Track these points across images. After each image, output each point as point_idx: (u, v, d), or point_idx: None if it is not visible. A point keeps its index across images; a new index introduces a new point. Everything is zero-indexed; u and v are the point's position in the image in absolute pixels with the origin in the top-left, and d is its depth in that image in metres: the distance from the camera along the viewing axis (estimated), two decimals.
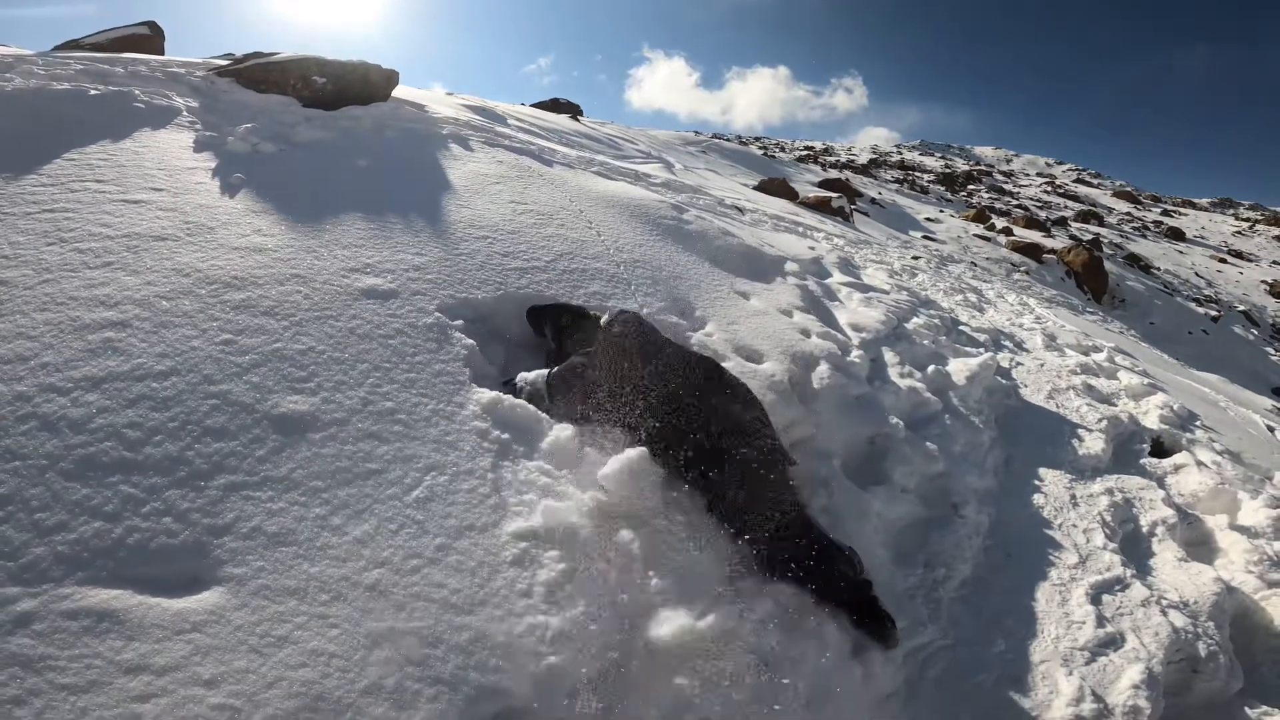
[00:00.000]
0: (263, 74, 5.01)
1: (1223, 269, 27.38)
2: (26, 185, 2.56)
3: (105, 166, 2.86)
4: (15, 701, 1.18)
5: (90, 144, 3.05)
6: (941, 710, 2.05)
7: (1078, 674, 2.17)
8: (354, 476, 1.67)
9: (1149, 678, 2.17)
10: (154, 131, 3.45)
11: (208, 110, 4.06)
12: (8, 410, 1.58)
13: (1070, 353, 6.14)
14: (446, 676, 1.36)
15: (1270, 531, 3.21)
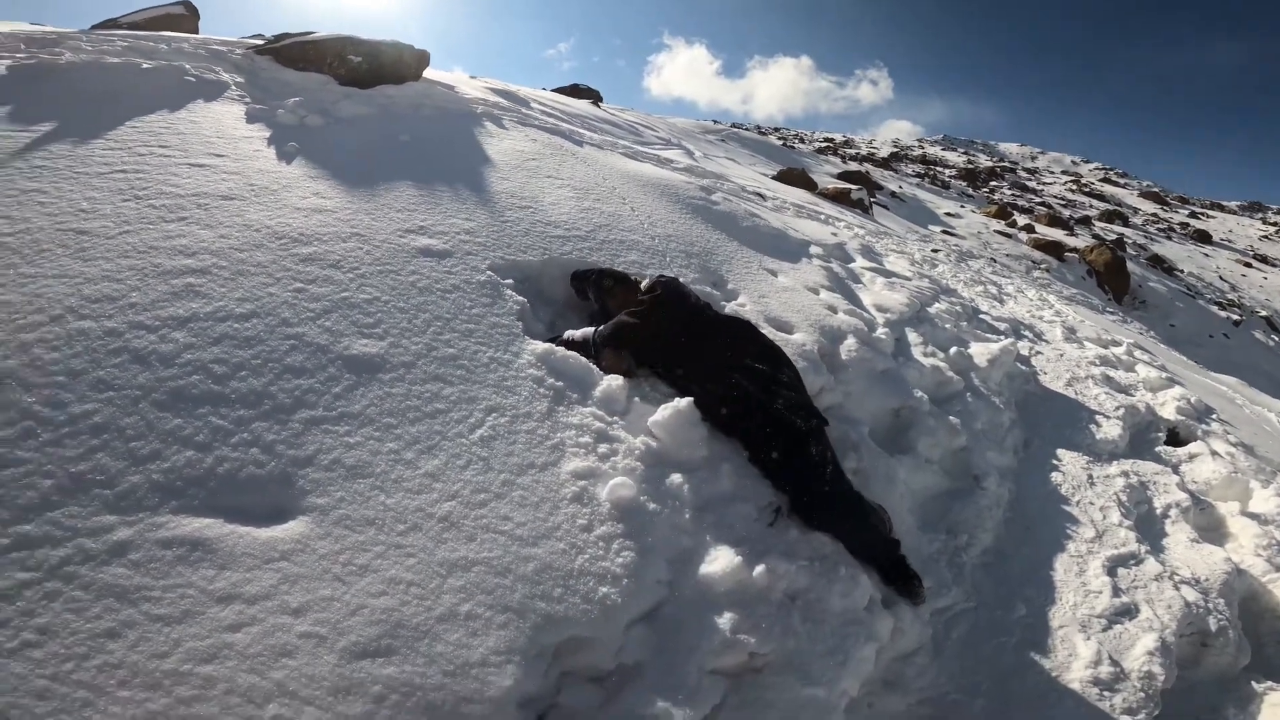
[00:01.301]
0: (300, 52, 5.13)
1: (1247, 273, 26.99)
2: (95, 149, 2.69)
3: (167, 134, 2.99)
4: (109, 635, 1.22)
5: (149, 113, 3.18)
6: (966, 667, 2.16)
7: (1095, 639, 2.27)
8: (422, 415, 1.79)
9: (1162, 646, 2.26)
10: (207, 103, 3.58)
11: (252, 85, 4.19)
12: (99, 344, 1.70)
13: (1089, 345, 6.18)
14: (515, 605, 1.46)
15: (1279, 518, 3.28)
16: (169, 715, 1.15)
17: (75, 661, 1.18)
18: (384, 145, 3.60)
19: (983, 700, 2.04)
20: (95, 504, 1.37)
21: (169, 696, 1.17)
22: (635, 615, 1.57)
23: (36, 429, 1.46)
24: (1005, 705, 2.02)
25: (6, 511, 1.32)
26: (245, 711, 1.18)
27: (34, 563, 1.27)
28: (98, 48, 4.12)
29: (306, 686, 1.22)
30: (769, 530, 1.90)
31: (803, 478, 2.05)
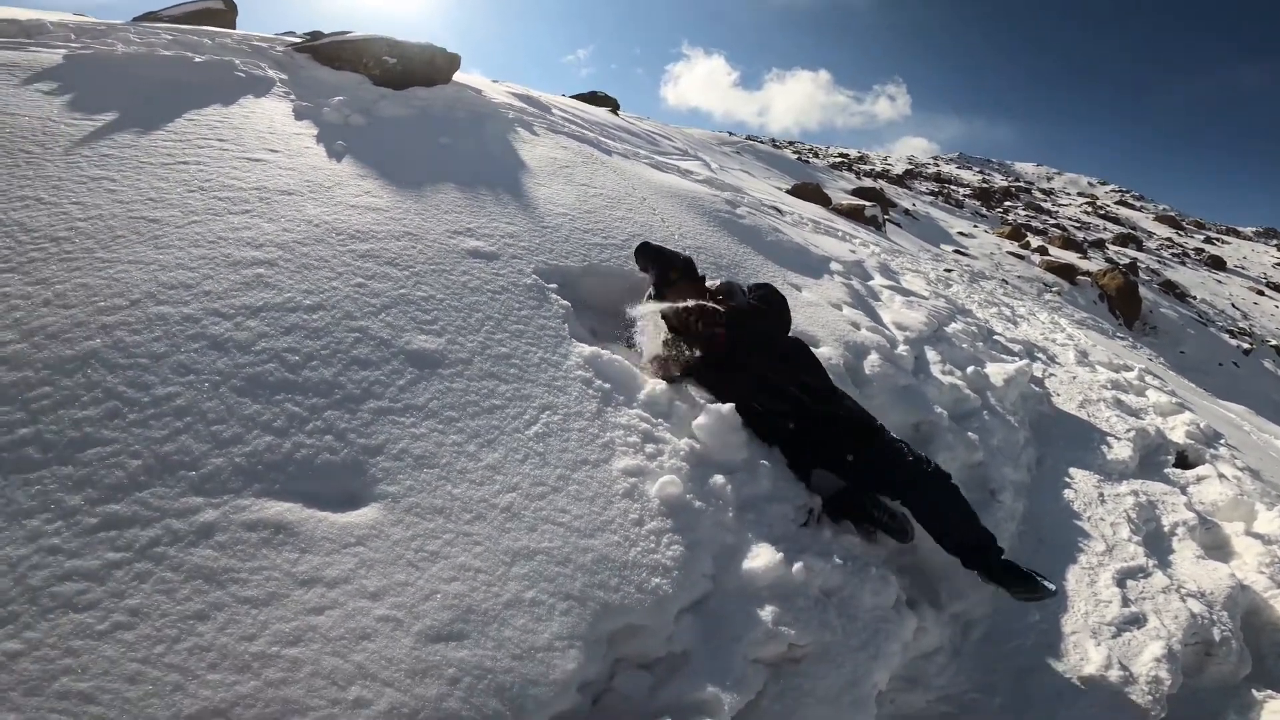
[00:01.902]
0: (337, 52, 5.25)
1: (1260, 301, 27.03)
2: (157, 140, 2.80)
3: (222, 127, 3.10)
4: (198, 617, 1.26)
5: (204, 107, 3.30)
6: (984, 668, 2.26)
7: (1105, 645, 2.38)
8: (480, 410, 1.89)
9: (1169, 653, 2.37)
10: (256, 99, 3.70)
11: (294, 83, 4.31)
12: (178, 329, 1.79)
13: (1101, 369, 6.27)
14: (576, 593, 1.54)
15: None
16: (257, 698, 1.19)
17: (166, 644, 1.21)
18: (425, 147, 3.71)
19: (1000, 699, 2.14)
20: (181, 485, 1.44)
21: (258, 679, 1.21)
22: (684, 605, 1.66)
23: (122, 409, 1.55)
24: (1021, 704, 2.12)
25: (95, 490, 1.38)
26: (329, 694, 1.23)
27: (124, 543, 1.32)
28: (145, 40, 4.24)
29: (386, 669, 1.29)
30: (803, 530, 1.99)
31: (884, 463, 2.19)
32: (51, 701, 1.11)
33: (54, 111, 2.79)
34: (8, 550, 1.25)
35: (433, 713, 1.26)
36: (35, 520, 1.30)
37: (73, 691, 1.12)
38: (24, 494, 1.34)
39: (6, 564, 1.24)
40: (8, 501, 1.32)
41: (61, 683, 1.13)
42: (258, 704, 1.18)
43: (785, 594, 1.76)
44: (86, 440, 1.45)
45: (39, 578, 1.23)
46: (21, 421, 1.45)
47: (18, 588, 1.21)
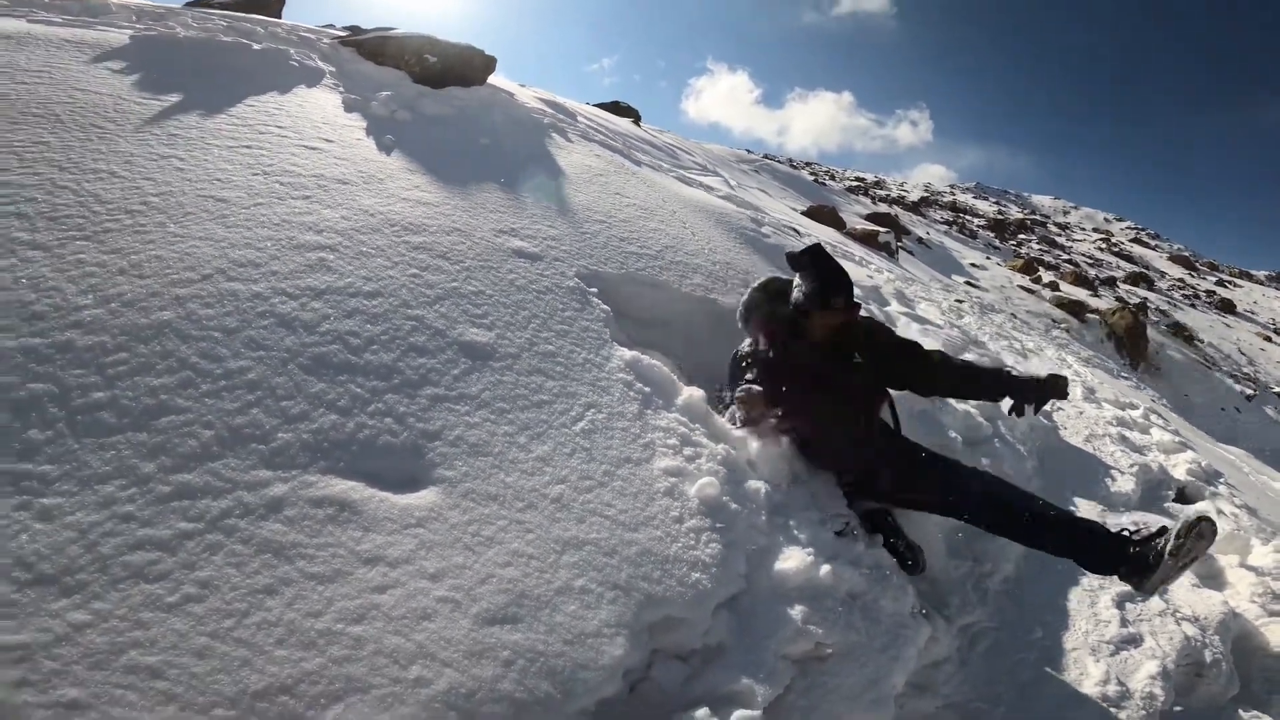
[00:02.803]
0: (381, 47, 5.35)
1: (1267, 347, 27.01)
2: (220, 123, 2.89)
3: (280, 115, 3.19)
4: (267, 591, 1.28)
5: (262, 93, 3.38)
6: (989, 678, 2.34)
7: (1104, 662, 2.46)
8: (530, 404, 1.95)
9: (1164, 672, 2.45)
10: (309, 89, 3.79)
11: (342, 75, 4.41)
12: (247, 306, 1.86)
13: (1107, 406, 6.31)
14: (622, 583, 1.58)
15: (1276, 571, 3.46)
16: (321, 675, 1.21)
17: (236, 619, 1.23)
18: (468, 146, 3.79)
19: (1004, 709, 2.20)
20: (252, 458, 1.49)
21: (322, 656, 1.23)
22: (721, 601, 1.71)
23: (196, 380, 1.61)
24: (1024, 714, 2.19)
25: (168, 459, 1.42)
26: (392, 673, 1.25)
27: (196, 513, 1.35)
28: (202, 25, 4.35)
29: (445, 649, 1.32)
30: (837, 539, 2.04)
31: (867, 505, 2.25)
32: (117, 676, 1.11)
33: (124, 89, 2.88)
34: (79, 516, 1.27)
35: (489, 693, 1.30)
36: (109, 486, 1.33)
37: (140, 666, 1.13)
38: (97, 459, 1.37)
39: (77, 530, 1.25)
40: (80, 465, 1.35)
41: (129, 656, 1.14)
42: (322, 681, 1.21)
43: (814, 595, 1.81)
44: (161, 408, 1.51)
45: (110, 546, 1.25)
46: (96, 385, 1.50)
47: (88, 555, 1.22)
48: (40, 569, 1.17)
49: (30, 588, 1.15)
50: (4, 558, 1.16)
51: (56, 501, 1.26)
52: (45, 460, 1.31)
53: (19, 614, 1.12)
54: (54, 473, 1.30)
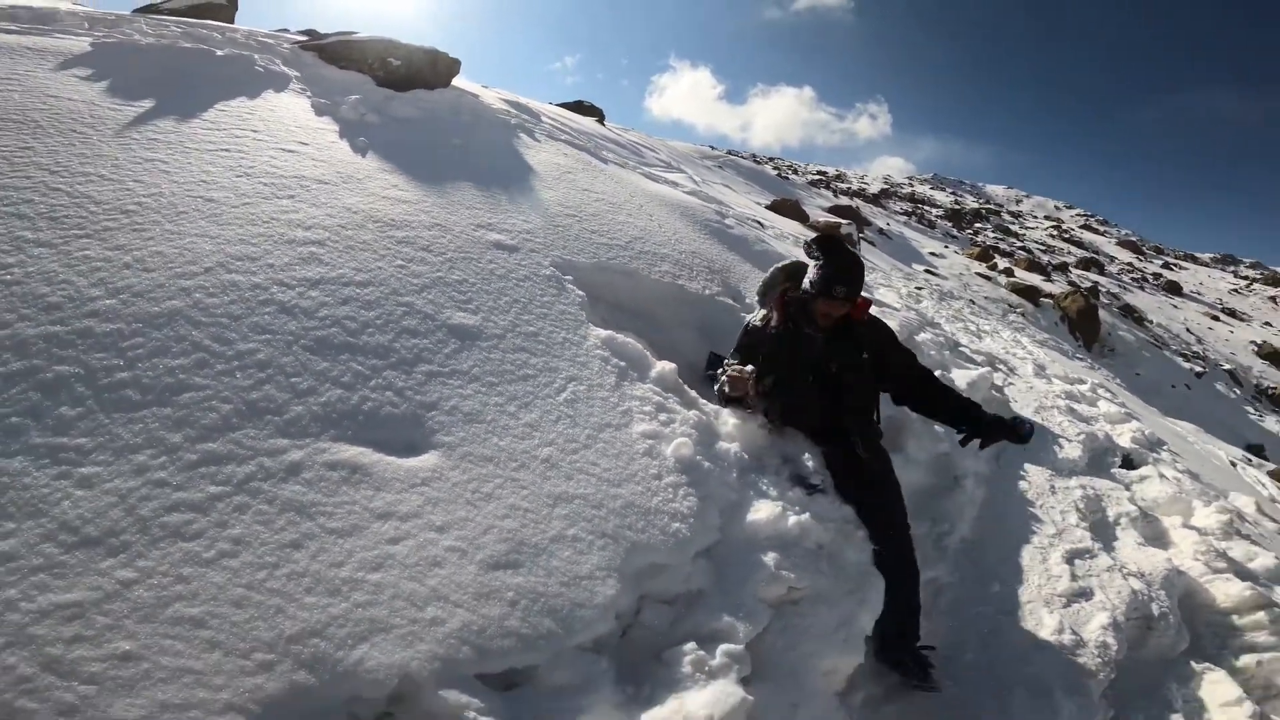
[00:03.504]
0: (343, 51, 5.45)
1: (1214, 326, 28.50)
2: (196, 127, 3.00)
3: (253, 119, 3.31)
4: (293, 545, 1.43)
5: (232, 98, 3.49)
6: (953, 628, 2.58)
7: (1058, 613, 2.68)
8: (516, 378, 2.14)
9: (1114, 623, 2.68)
10: (277, 94, 3.90)
11: (307, 80, 4.51)
12: (250, 295, 2.01)
13: (1057, 381, 6.75)
14: (610, 532, 1.78)
15: (1218, 531, 3.77)
16: (348, 618, 1.37)
17: (267, 570, 1.39)
18: (439, 147, 3.95)
19: (970, 654, 2.44)
20: (269, 428, 1.65)
21: (347, 601, 1.40)
22: (699, 549, 1.92)
23: (209, 360, 1.76)
24: (990, 660, 2.41)
25: (193, 430, 1.58)
26: (409, 614, 1.43)
27: (223, 477, 1.51)
28: (159, 32, 4.40)
29: (455, 592, 1.50)
30: (805, 496, 2.27)
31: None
32: (165, 627, 1.25)
33: (95, 96, 2.97)
34: (116, 483, 1.42)
35: (498, 630, 1.48)
36: (141, 455, 1.49)
37: (185, 617, 1.27)
38: (128, 431, 1.52)
39: (117, 495, 1.40)
40: (113, 438, 1.50)
41: (174, 609, 1.28)
42: (348, 624, 1.37)
43: (784, 543, 2.03)
44: (181, 385, 1.66)
45: (149, 509, 1.40)
46: (119, 367, 1.65)
47: (129, 518, 1.37)
48: (85, 532, 1.31)
49: (77, 549, 1.29)
50: (50, 523, 1.30)
51: (95, 470, 1.41)
52: (79, 434, 1.46)
53: (69, 574, 1.26)
54: (89, 445, 1.45)
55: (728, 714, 1.51)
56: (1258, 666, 2.73)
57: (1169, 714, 2.42)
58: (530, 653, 1.48)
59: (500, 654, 1.44)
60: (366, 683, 1.30)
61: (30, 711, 1.06)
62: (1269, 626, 2.91)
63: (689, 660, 1.62)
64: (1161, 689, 2.58)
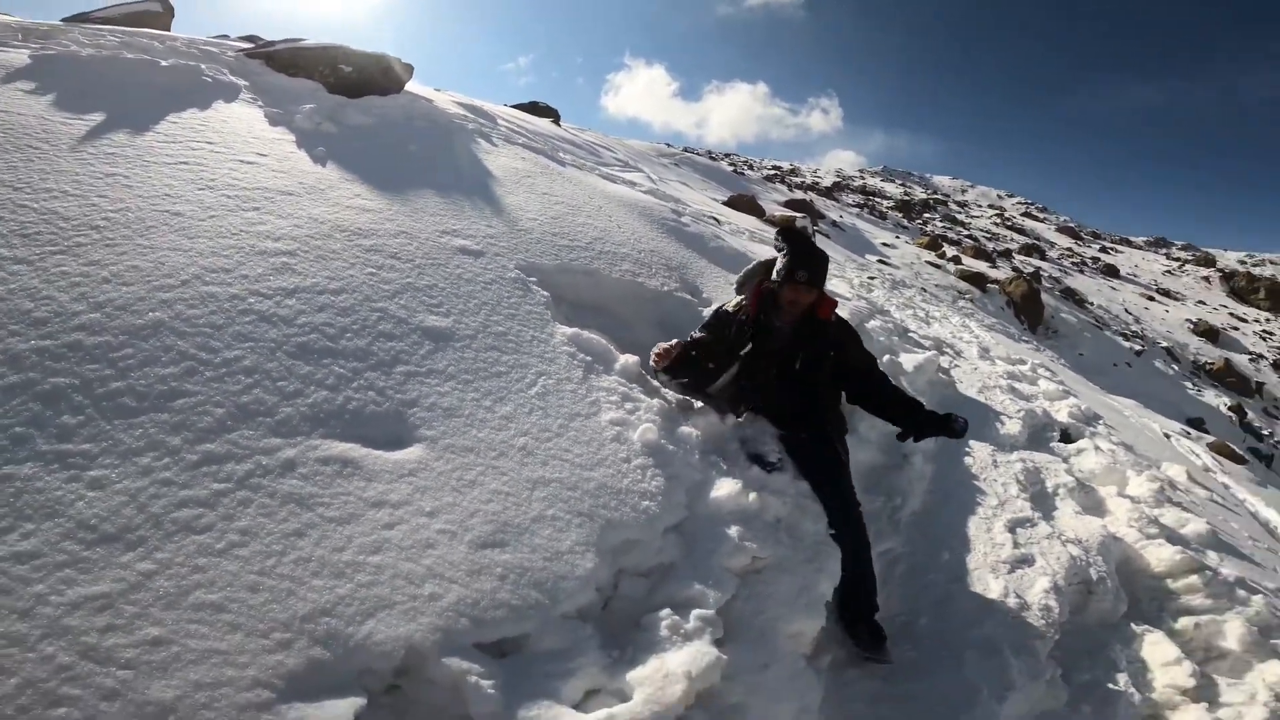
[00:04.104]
0: (292, 59, 5.47)
1: (1150, 306, 30.22)
2: (151, 140, 3.05)
3: (207, 130, 3.37)
4: (297, 534, 1.57)
5: (183, 109, 3.54)
6: (909, 595, 2.82)
7: (1003, 579, 2.93)
8: (490, 374, 2.30)
9: (1055, 587, 2.92)
10: (228, 104, 3.95)
11: (256, 88, 4.55)
12: (229, 305, 2.12)
13: (1000, 362, 7.22)
14: (586, 511, 1.97)
15: (1150, 499, 4.13)
16: (354, 597, 1.52)
17: (276, 558, 1.53)
18: (398, 154, 4.06)
19: (925, 619, 2.67)
20: (262, 429, 1.79)
21: (352, 582, 1.55)
22: (669, 524, 2.12)
23: (198, 368, 1.88)
24: (942, 624, 2.64)
25: (191, 433, 1.70)
26: (409, 591, 1.58)
27: (224, 475, 1.64)
28: (96, 42, 4.38)
29: (449, 570, 1.67)
30: (764, 473, 2.50)
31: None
32: (189, 613, 1.38)
33: (43, 110, 3.00)
34: (125, 483, 1.54)
35: (490, 602, 1.65)
36: (144, 458, 1.61)
37: (206, 603, 1.41)
38: (129, 436, 1.64)
39: (127, 495, 1.52)
40: (116, 443, 1.61)
41: (195, 596, 1.41)
42: (355, 602, 1.52)
43: (745, 517, 2.25)
44: (174, 392, 1.78)
45: (159, 506, 1.53)
46: (112, 377, 1.75)
47: (141, 515, 1.50)
48: (103, 529, 1.43)
49: (98, 545, 1.41)
50: (68, 522, 1.42)
51: (103, 473, 1.52)
52: (83, 440, 1.57)
53: (93, 568, 1.37)
54: (94, 450, 1.56)
55: (704, 670, 1.71)
56: (1195, 629, 2.95)
57: (1114, 674, 2.61)
58: (521, 622, 1.66)
59: (494, 624, 1.62)
60: (376, 655, 1.45)
61: (75, 698, 1.18)
62: (1203, 590, 3.14)
63: (666, 624, 1.81)
64: (1106, 650, 2.78)
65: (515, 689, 1.50)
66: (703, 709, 1.69)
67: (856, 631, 2.41)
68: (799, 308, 2.77)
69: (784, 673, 1.91)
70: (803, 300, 2.77)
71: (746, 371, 2.78)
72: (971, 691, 2.18)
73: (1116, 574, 3.27)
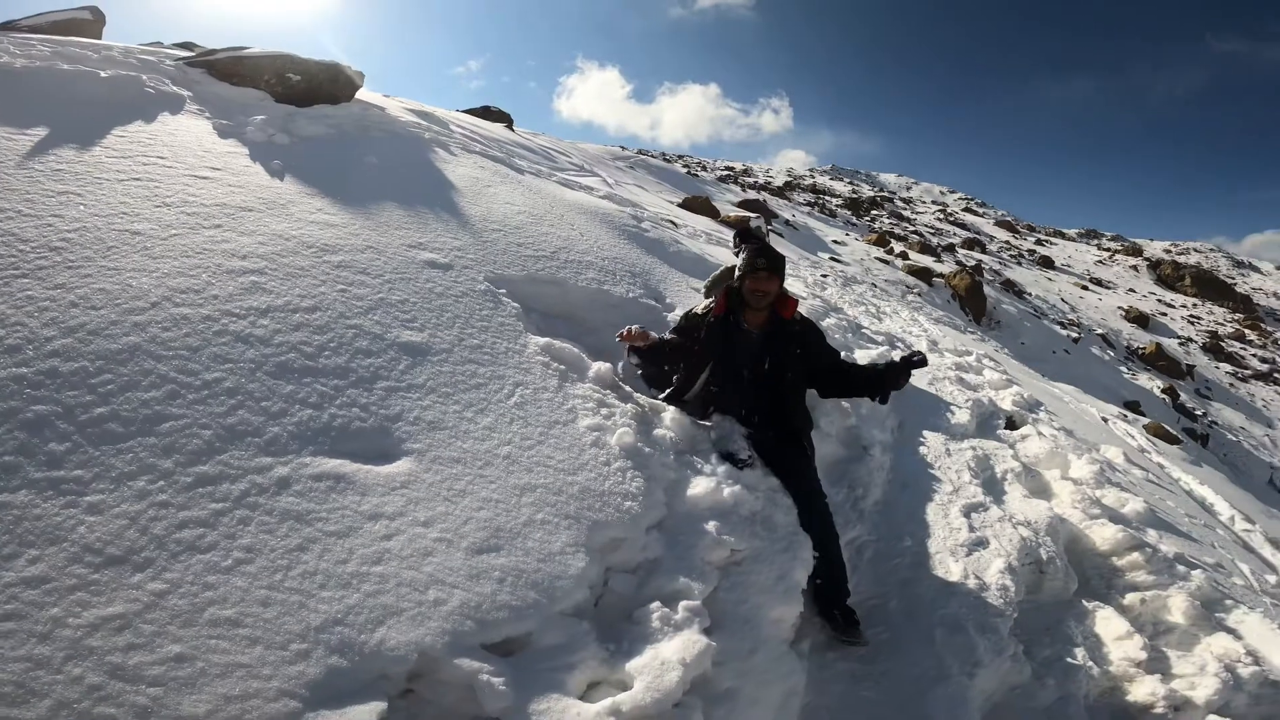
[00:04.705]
0: (236, 67, 5.39)
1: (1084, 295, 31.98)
2: (100, 156, 3.02)
3: (156, 145, 3.33)
4: (300, 549, 1.63)
5: (128, 123, 3.49)
6: (877, 579, 3.02)
7: (962, 562, 3.15)
8: (469, 387, 2.39)
9: (1010, 568, 3.15)
10: (173, 116, 3.90)
11: (200, 99, 4.49)
12: (203, 327, 2.15)
13: (948, 354, 7.64)
14: (572, 513, 2.08)
15: (1092, 481, 4.47)
16: (363, 606, 1.60)
17: (282, 572, 1.59)
18: (357, 166, 4.07)
19: (894, 601, 2.86)
20: (252, 449, 1.84)
21: (359, 592, 1.63)
22: (651, 523, 2.25)
23: (181, 391, 1.91)
24: (910, 605, 2.84)
25: (181, 455, 1.74)
26: (415, 598, 1.67)
27: (220, 495, 1.69)
28: (27, 52, 4.25)
29: (450, 576, 1.75)
30: (737, 470, 2.66)
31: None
32: (207, 629, 1.43)
33: None
34: (123, 507, 1.58)
35: (492, 604, 1.75)
36: (139, 481, 1.64)
37: (221, 619, 1.46)
38: (120, 461, 1.67)
39: (127, 518, 1.56)
40: (107, 468, 1.64)
41: (210, 612, 1.46)
42: (364, 611, 1.60)
43: (721, 513, 2.40)
44: (159, 416, 1.81)
45: (160, 528, 1.57)
46: (95, 403, 1.78)
47: (144, 537, 1.54)
48: (108, 552, 1.47)
49: (106, 568, 1.45)
50: (73, 546, 1.46)
51: (99, 498, 1.56)
52: (74, 466, 1.60)
53: (105, 590, 1.42)
54: (86, 475, 1.59)
55: (697, 657, 1.84)
56: (1142, 604, 3.19)
57: (1072, 648, 2.82)
58: (523, 621, 1.76)
59: (497, 624, 1.71)
60: (390, 660, 1.53)
61: (110, 717, 1.23)
62: (1145, 566, 3.41)
63: (656, 616, 1.94)
64: (1062, 626, 3.00)
65: (523, 685, 1.60)
66: (698, 695, 1.82)
67: (831, 616, 2.58)
68: (764, 299, 2.93)
69: (770, 657, 2.07)
70: (764, 289, 2.92)
71: (717, 376, 2.94)
72: (943, 668, 2.37)
73: (1065, 553, 3.52)
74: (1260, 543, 5.22)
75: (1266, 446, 19.94)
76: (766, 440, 2.91)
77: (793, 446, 2.94)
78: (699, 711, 1.75)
